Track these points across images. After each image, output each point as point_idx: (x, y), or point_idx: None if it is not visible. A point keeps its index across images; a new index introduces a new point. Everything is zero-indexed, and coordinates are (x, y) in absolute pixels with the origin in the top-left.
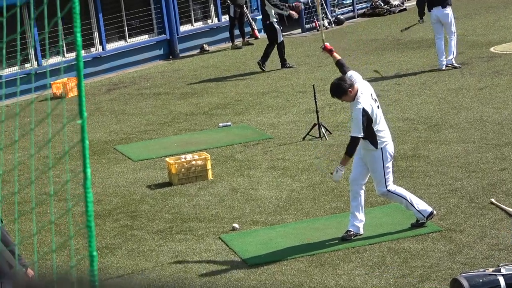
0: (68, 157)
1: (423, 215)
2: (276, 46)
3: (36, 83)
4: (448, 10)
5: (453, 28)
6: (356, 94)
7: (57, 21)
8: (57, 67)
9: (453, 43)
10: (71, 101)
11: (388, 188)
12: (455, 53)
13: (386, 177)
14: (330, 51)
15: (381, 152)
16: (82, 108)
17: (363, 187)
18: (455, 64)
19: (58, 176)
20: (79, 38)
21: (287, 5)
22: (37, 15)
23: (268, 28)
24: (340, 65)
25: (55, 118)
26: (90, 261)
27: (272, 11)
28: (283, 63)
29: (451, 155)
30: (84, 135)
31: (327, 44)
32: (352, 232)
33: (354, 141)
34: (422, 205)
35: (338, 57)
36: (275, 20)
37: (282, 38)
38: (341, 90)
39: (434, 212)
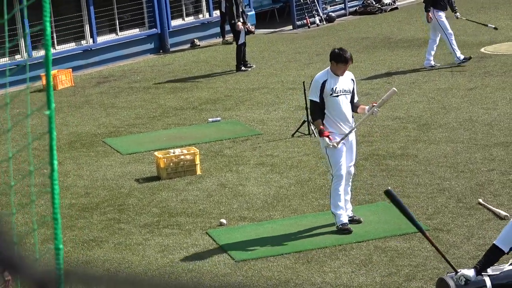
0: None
1: None
2: (236, 47)
3: (25, 75)
4: (430, 13)
5: (432, 34)
6: None
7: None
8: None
9: (432, 45)
10: (61, 93)
11: None
12: (432, 54)
13: None
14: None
15: None
16: (50, 98)
17: None
18: (434, 64)
19: (47, 168)
20: (48, 28)
21: (241, 20)
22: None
23: (232, 27)
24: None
25: (37, 108)
26: (55, 254)
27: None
28: (239, 66)
29: (440, 154)
30: (52, 126)
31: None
32: (347, 226)
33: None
34: None
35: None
36: (238, 21)
37: (243, 40)
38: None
39: None
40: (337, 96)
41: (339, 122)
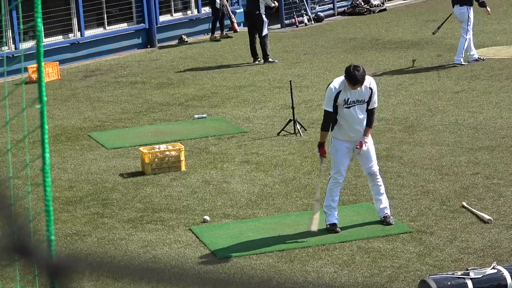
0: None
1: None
2: (259, 38)
3: (11, 67)
4: (464, 9)
5: (468, 27)
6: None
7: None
8: (32, 51)
9: (464, 43)
10: (47, 86)
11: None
12: (463, 53)
13: None
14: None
15: None
16: (42, 93)
17: None
18: (463, 63)
19: (33, 160)
20: (39, 24)
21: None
22: None
23: (257, 18)
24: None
25: (29, 102)
26: (47, 246)
27: (263, 3)
28: (266, 57)
29: (425, 157)
30: (44, 120)
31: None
32: (334, 227)
33: None
34: None
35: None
36: (263, 12)
37: (267, 32)
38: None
39: None
40: (349, 107)
41: (349, 132)
